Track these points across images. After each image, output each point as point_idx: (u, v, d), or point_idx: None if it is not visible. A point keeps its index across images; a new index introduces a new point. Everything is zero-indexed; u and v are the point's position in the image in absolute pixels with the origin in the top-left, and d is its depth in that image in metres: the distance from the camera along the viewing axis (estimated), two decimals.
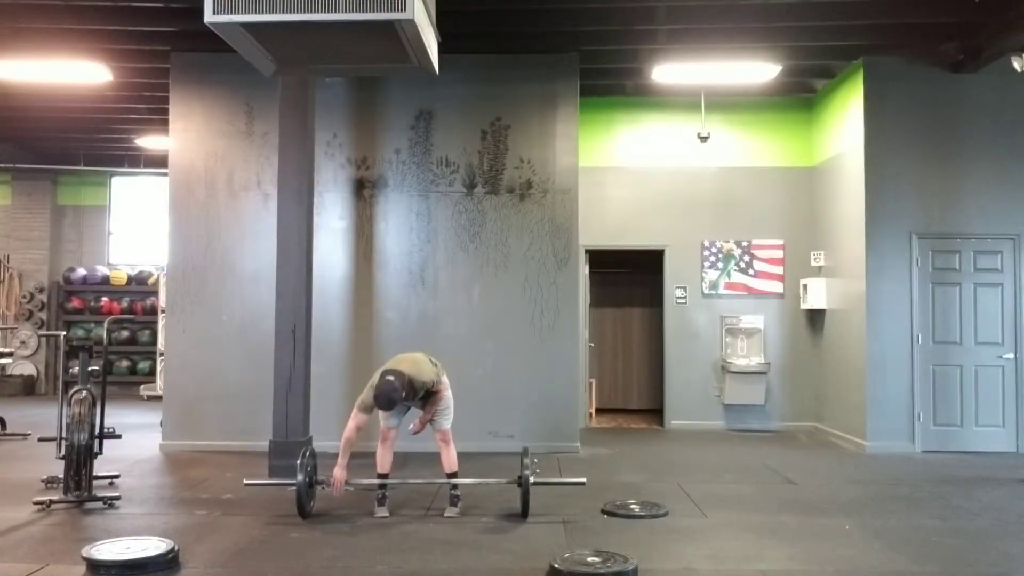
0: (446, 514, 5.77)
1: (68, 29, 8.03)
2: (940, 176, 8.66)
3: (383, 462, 5.85)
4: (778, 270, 10.13)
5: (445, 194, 8.63)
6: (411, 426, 5.80)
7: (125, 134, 12.18)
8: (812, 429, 9.84)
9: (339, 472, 5.73)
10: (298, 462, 5.66)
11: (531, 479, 5.69)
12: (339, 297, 8.58)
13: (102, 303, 13.90)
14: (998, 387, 8.53)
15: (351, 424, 5.74)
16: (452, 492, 5.87)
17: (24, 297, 13.95)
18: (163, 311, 10.88)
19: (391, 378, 5.46)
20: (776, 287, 10.12)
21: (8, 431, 9.19)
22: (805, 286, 9.85)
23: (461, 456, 5.98)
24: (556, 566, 4.49)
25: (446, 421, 5.86)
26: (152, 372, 13.23)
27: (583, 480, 6.13)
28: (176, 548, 4.71)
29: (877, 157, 8.62)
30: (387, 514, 5.78)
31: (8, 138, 12.70)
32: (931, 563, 4.83)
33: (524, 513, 5.68)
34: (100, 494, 6.05)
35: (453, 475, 5.88)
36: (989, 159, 8.65)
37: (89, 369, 6.34)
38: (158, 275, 12.83)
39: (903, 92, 8.67)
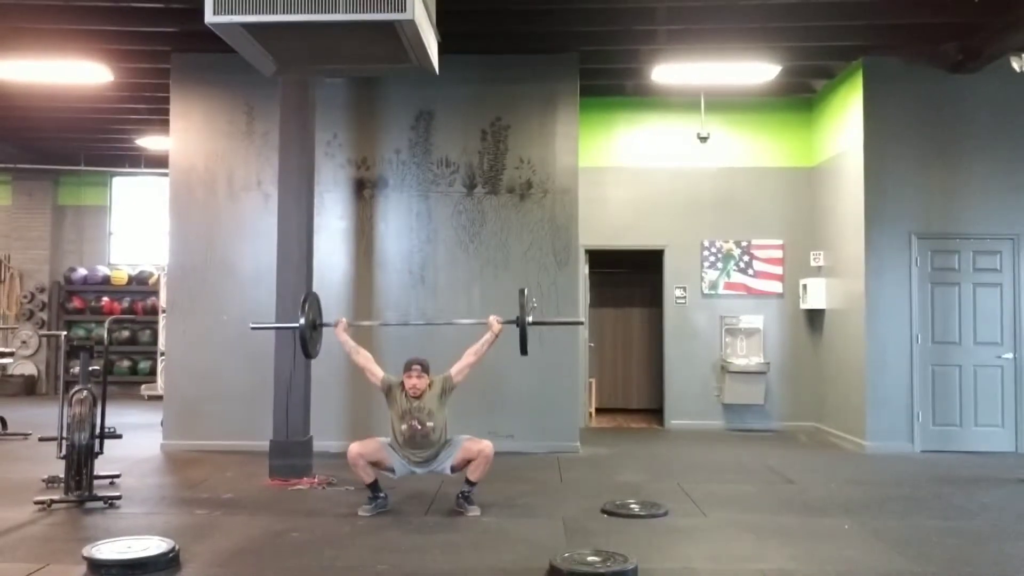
0: (469, 513, 5.71)
1: (69, 29, 8.03)
2: (939, 176, 8.66)
3: (367, 476, 5.77)
4: (778, 270, 10.14)
5: (445, 194, 8.64)
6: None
7: (126, 134, 12.19)
8: (812, 429, 9.84)
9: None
10: (300, 306, 5.89)
11: (529, 319, 5.65)
12: (339, 297, 8.56)
13: (103, 303, 13.89)
14: (997, 387, 8.53)
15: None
16: (465, 491, 5.80)
17: (25, 297, 13.95)
18: (164, 311, 10.89)
19: None
20: (776, 287, 10.13)
21: (9, 431, 9.19)
22: (804, 286, 9.86)
23: None
24: (556, 565, 4.49)
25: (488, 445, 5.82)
26: (153, 372, 13.23)
27: (582, 320, 6.00)
28: (177, 548, 4.71)
29: (876, 157, 8.62)
30: (381, 510, 5.77)
31: (9, 138, 12.69)
32: (931, 563, 4.82)
33: (523, 351, 5.62)
34: (101, 494, 6.04)
35: (472, 483, 5.81)
36: (988, 159, 8.65)
37: (90, 369, 6.34)
38: (159, 275, 12.84)
39: (903, 92, 8.67)
